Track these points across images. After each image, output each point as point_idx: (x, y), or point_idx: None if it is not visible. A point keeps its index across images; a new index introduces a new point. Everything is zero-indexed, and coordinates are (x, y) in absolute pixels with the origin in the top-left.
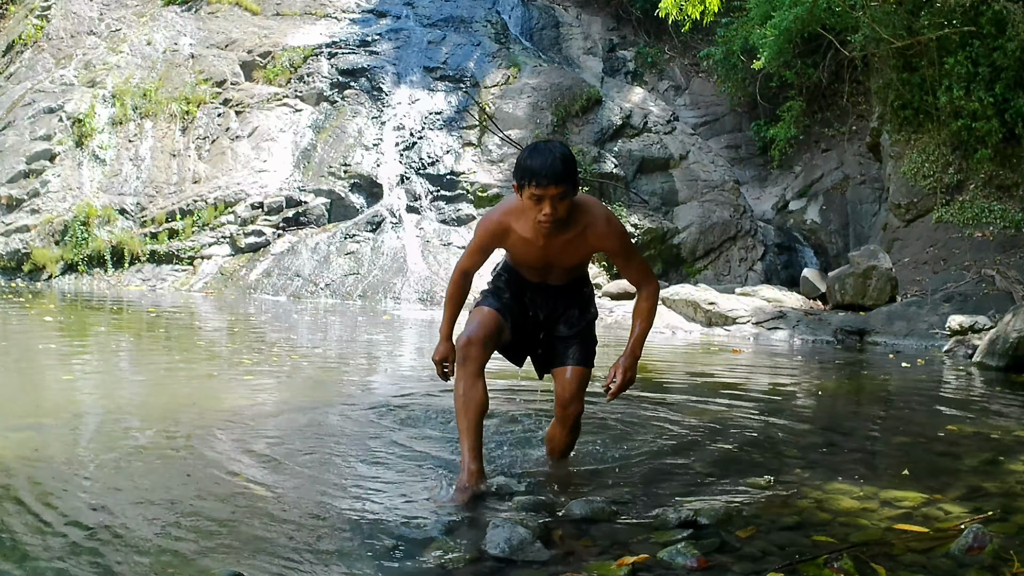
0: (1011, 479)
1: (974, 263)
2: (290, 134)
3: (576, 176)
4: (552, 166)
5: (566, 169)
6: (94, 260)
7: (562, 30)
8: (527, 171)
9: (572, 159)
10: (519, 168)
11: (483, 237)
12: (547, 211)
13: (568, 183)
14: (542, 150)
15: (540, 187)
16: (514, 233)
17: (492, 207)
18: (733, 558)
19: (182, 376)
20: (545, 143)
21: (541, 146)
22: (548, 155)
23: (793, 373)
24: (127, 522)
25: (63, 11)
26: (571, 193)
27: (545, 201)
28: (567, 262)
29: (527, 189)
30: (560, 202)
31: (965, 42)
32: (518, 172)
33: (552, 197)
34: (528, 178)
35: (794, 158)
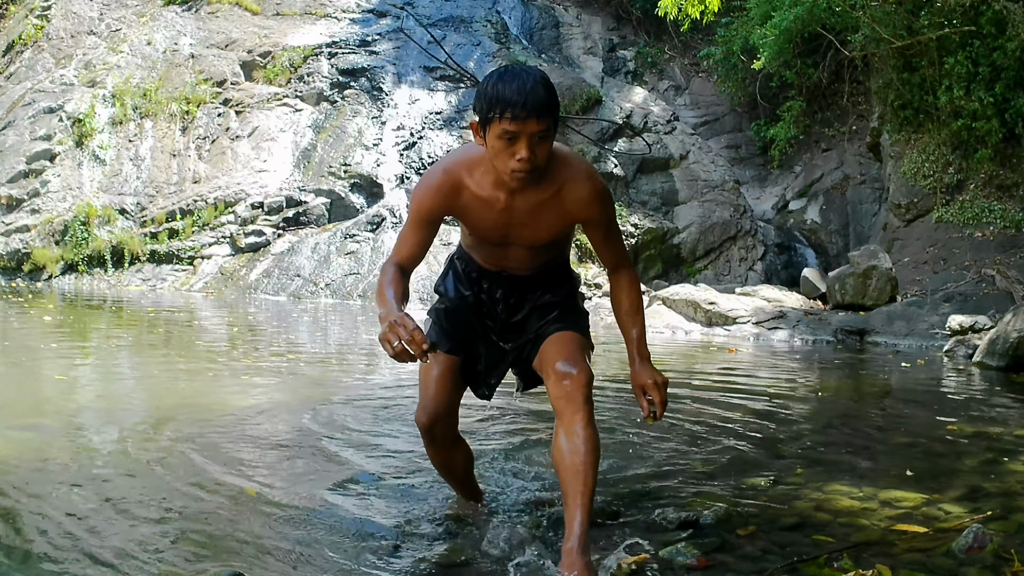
0: (1011, 479)
1: (974, 263)
2: (290, 134)
3: (559, 110)
4: (533, 92)
5: (549, 98)
6: (94, 260)
7: (562, 30)
8: (498, 100)
9: (553, 87)
10: (485, 97)
11: (424, 200)
12: (523, 153)
13: (551, 117)
14: (517, 73)
15: (517, 120)
16: (466, 191)
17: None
18: (733, 558)
19: (182, 376)
20: (518, 65)
21: (515, 69)
22: (527, 78)
23: (793, 373)
24: (127, 522)
25: (63, 11)
26: (553, 132)
27: (522, 140)
28: (534, 236)
29: (496, 124)
30: (540, 143)
31: (965, 42)
32: (483, 102)
33: (531, 135)
34: (500, 108)
35: (794, 158)
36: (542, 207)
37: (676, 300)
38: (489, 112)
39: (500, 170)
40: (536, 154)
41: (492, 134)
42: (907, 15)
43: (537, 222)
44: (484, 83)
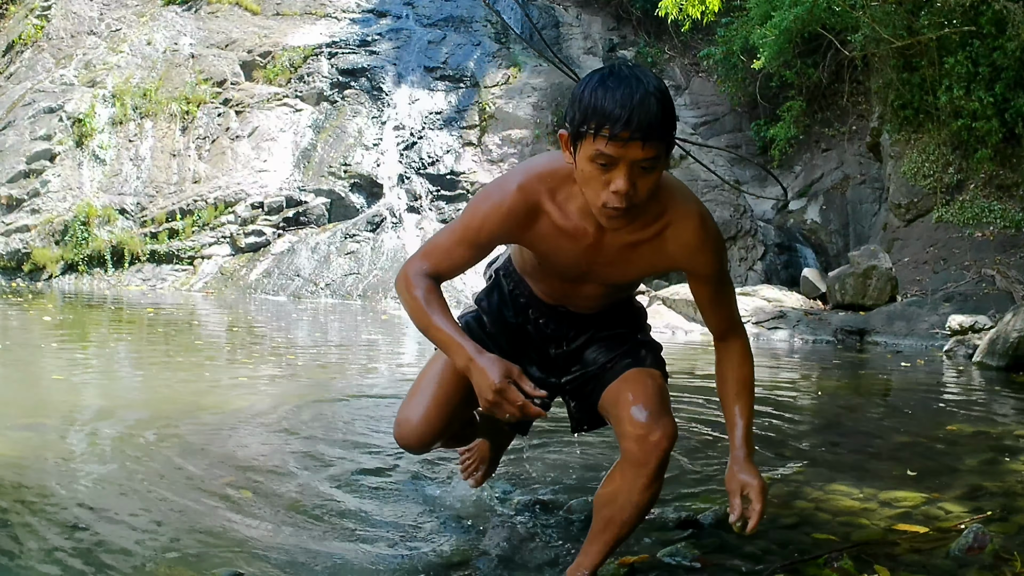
0: (1011, 479)
1: (974, 263)
2: (290, 134)
3: (674, 133)
4: (643, 106)
5: (664, 116)
6: (94, 260)
7: (562, 30)
8: (595, 111)
9: (671, 102)
10: (579, 105)
11: (487, 219)
12: (620, 184)
13: (663, 142)
14: (625, 77)
15: (616, 141)
16: (544, 217)
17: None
18: (733, 558)
19: (181, 376)
20: (629, 67)
21: (624, 71)
22: (636, 87)
23: (793, 373)
24: (127, 522)
25: (63, 11)
26: (663, 163)
27: (620, 167)
28: (620, 275)
29: (590, 143)
30: (644, 175)
31: (965, 42)
32: (576, 111)
33: (633, 163)
34: (596, 123)
35: (794, 158)
36: (638, 248)
37: (676, 300)
38: (584, 123)
39: (588, 200)
40: (637, 188)
41: (584, 154)
42: (907, 15)
43: (628, 262)
44: (582, 85)
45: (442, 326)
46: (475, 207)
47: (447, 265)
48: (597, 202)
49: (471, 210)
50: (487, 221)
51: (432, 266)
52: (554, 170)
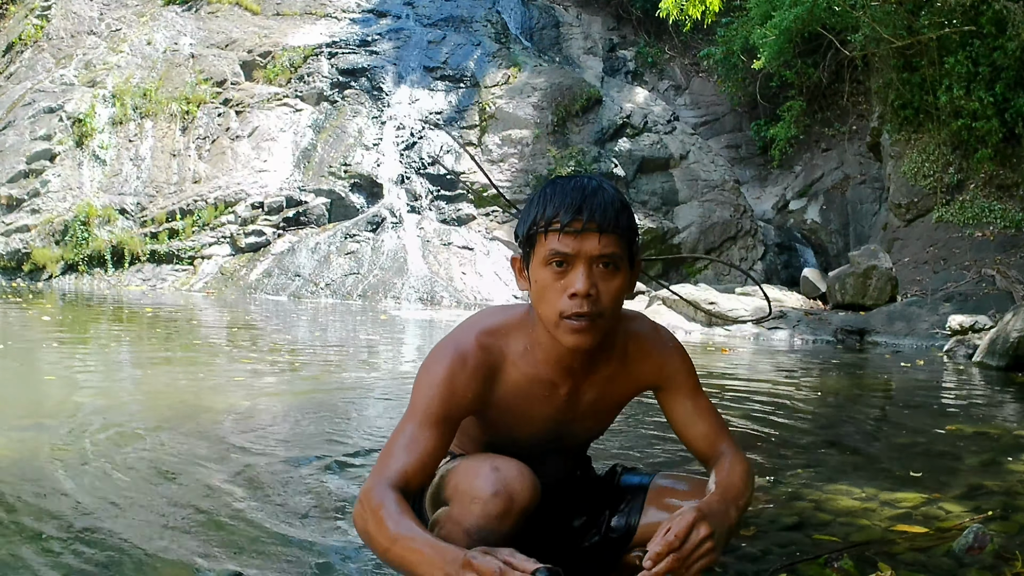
0: (1011, 479)
1: (974, 263)
2: (290, 134)
3: (636, 234)
4: (598, 196)
5: (623, 209)
6: (94, 260)
7: (562, 30)
8: (549, 206)
9: (627, 203)
10: (531, 209)
11: (452, 385)
12: (579, 285)
13: (625, 234)
14: (579, 177)
15: (572, 233)
16: (511, 371)
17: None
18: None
19: (181, 376)
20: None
21: (578, 175)
22: (591, 181)
23: (793, 373)
24: (127, 522)
25: (63, 11)
26: (624, 260)
27: (578, 265)
28: (591, 430)
29: (542, 243)
30: (607, 276)
31: (965, 42)
32: (529, 215)
33: (592, 260)
34: (552, 215)
35: (794, 158)
36: (610, 386)
37: (676, 300)
38: (533, 227)
39: (546, 321)
40: (600, 292)
41: (537, 261)
42: (907, 15)
43: (601, 409)
44: (533, 194)
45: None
46: (430, 377)
47: (414, 461)
48: (554, 315)
49: (426, 383)
50: (453, 384)
51: (397, 473)
52: (505, 321)
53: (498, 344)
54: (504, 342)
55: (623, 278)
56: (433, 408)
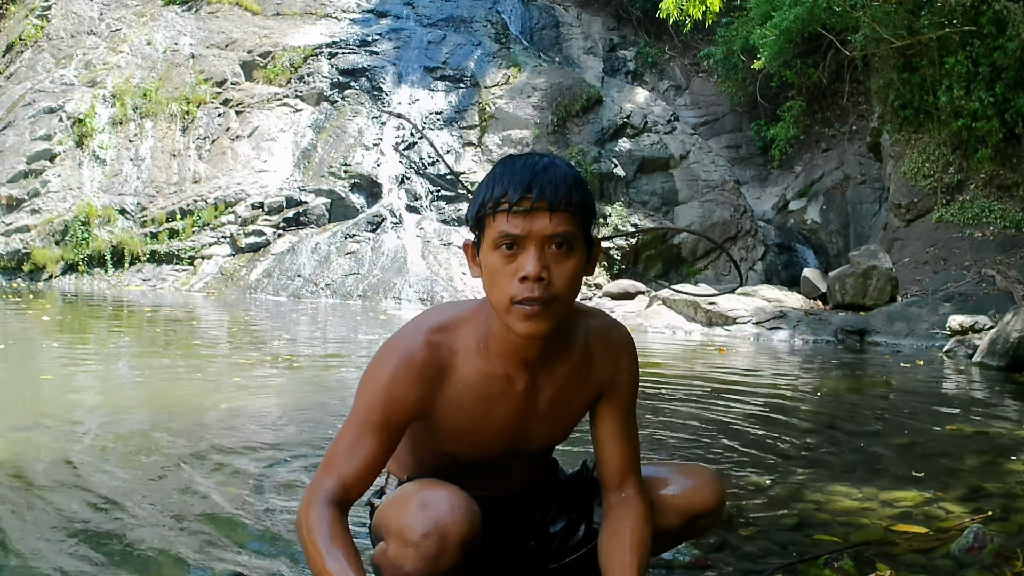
0: (1011, 479)
1: (974, 263)
2: (290, 134)
3: (593, 213)
4: (549, 172)
5: (576, 186)
6: (94, 260)
7: (562, 30)
8: (498, 186)
9: (583, 180)
10: (480, 191)
11: (395, 388)
12: (530, 268)
13: (577, 215)
14: (530, 155)
15: (521, 213)
16: (463, 370)
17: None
18: (733, 558)
19: (181, 376)
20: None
21: (530, 152)
22: (542, 159)
23: (793, 373)
24: (126, 523)
25: (63, 11)
26: (579, 240)
27: (528, 247)
28: (553, 432)
29: (493, 223)
30: (560, 258)
31: (965, 42)
32: (478, 198)
33: (543, 240)
34: (500, 194)
35: (794, 158)
36: (570, 384)
37: (676, 300)
38: (483, 204)
39: (497, 307)
40: (552, 275)
41: (487, 245)
42: (907, 15)
43: (562, 409)
44: (482, 179)
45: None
46: (373, 380)
47: (353, 471)
48: (505, 301)
49: (368, 387)
50: (395, 388)
51: (336, 484)
52: (457, 316)
53: (448, 341)
54: (454, 338)
55: (578, 259)
56: (375, 414)
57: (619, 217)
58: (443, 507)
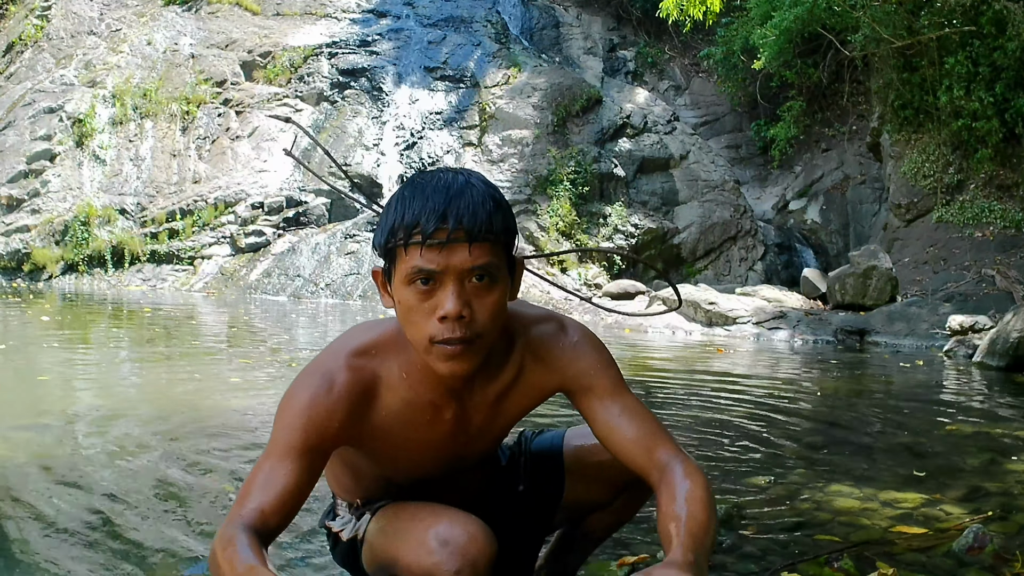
0: (1011, 479)
1: (974, 263)
2: (290, 134)
3: (515, 234)
4: (465, 197)
5: (496, 211)
6: (94, 260)
7: (562, 30)
8: (406, 214)
9: (501, 198)
10: (387, 216)
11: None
12: (449, 306)
13: (500, 239)
14: (442, 174)
15: (436, 247)
16: (387, 397)
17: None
18: (733, 558)
19: (181, 376)
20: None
21: (440, 171)
22: (456, 180)
23: (793, 373)
24: (127, 523)
25: (63, 11)
26: (501, 269)
27: (446, 283)
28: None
29: (405, 257)
30: (482, 291)
31: (965, 42)
32: (385, 225)
33: (462, 275)
34: (411, 225)
35: (794, 158)
36: (503, 405)
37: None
38: (391, 239)
39: (415, 344)
40: (474, 311)
41: (399, 278)
42: (907, 15)
43: (498, 424)
44: (390, 199)
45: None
46: (291, 407)
47: (272, 499)
48: (424, 340)
49: (286, 413)
50: (315, 412)
51: (254, 513)
52: (377, 339)
53: (370, 366)
54: (377, 363)
55: (501, 289)
56: (294, 440)
57: (619, 217)
58: (463, 538)
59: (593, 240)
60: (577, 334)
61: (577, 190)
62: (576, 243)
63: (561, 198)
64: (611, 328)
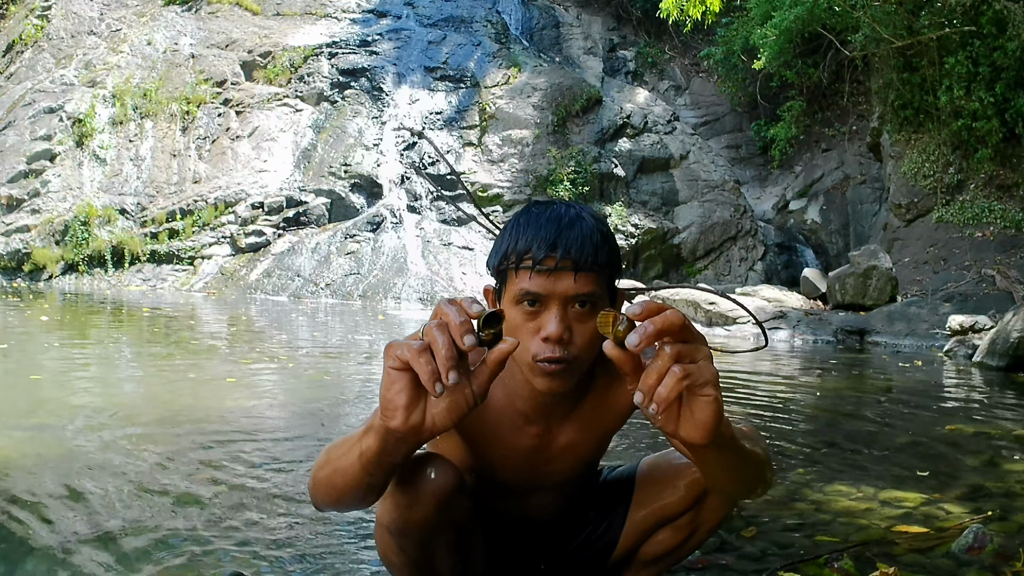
0: (1011, 479)
1: (974, 263)
2: (290, 134)
3: (619, 268)
4: (575, 228)
5: (603, 244)
6: (94, 260)
7: (562, 30)
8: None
9: (610, 234)
10: (502, 242)
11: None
12: (552, 329)
13: (604, 271)
14: (556, 205)
15: (544, 272)
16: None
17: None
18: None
19: (180, 376)
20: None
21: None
22: (568, 211)
23: (793, 373)
24: (127, 523)
25: (63, 11)
26: (603, 299)
27: (551, 307)
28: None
29: (515, 279)
30: (583, 317)
31: (965, 42)
32: (500, 249)
33: (566, 300)
34: (523, 250)
35: (794, 158)
36: (588, 424)
37: (676, 300)
38: (503, 262)
39: (518, 361)
40: (574, 335)
41: (508, 298)
42: (907, 15)
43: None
44: (506, 225)
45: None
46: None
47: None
48: (527, 356)
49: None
50: None
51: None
52: None
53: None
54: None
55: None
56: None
57: (619, 217)
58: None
59: None
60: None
61: (577, 190)
62: None
63: (561, 198)
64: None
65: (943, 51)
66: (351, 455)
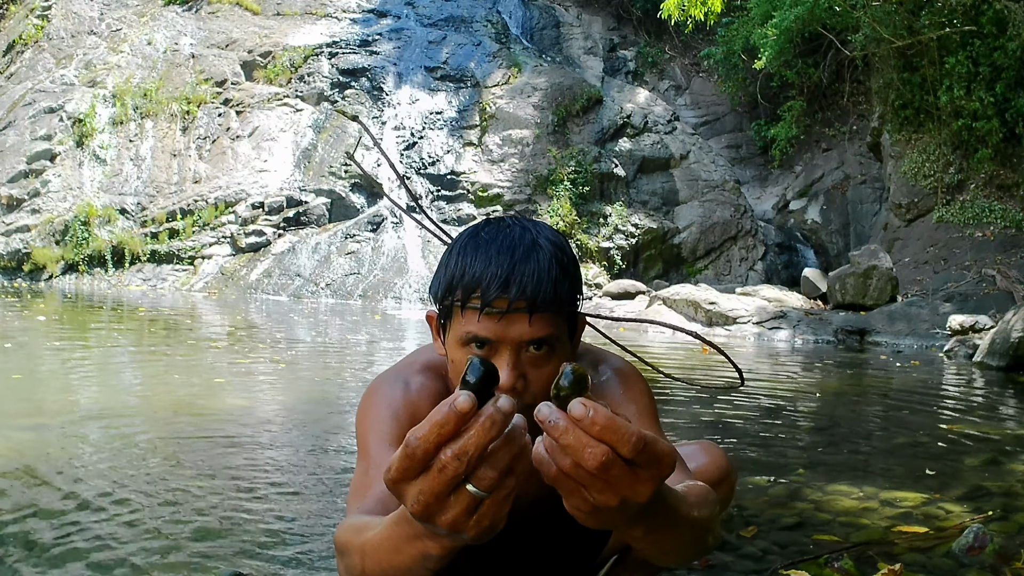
0: (1011, 479)
1: (975, 263)
2: (291, 134)
3: (579, 294)
4: (531, 262)
5: (562, 277)
6: (95, 260)
7: (562, 30)
8: (466, 273)
9: (572, 257)
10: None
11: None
12: (506, 378)
13: (562, 308)
14: (507, 227)
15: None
16: None
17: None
18: (733, 558)
19: (179, 376)
20: (515, 218)
21: (506, 221)
22: (523, 237)
23: (793, 373)
24: (126, 523)
25: (63, 11)
26: (561, 339)
27: (503, 352)
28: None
29: (461, 319)
30: (539, 362)
31: (966, 42)
32: (443, 278)
33: (520, 346)
34: (469, 287)
35: (795, 158)
36: None
37: (677, 300)
38: (447, 297)
39: None
40: (528, 382)
41: (453, 338)
42: (907, 15)
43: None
44: (451, 245)
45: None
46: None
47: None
48: None
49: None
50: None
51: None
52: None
53: (444, 379)
54: (447, 382)
55: (560, 357)
56: (388, 428)
57: (619, 217)
58: None
59: (592, 240)
60: (608, 372)
61: (577, 190)
62: (576, 242)
63: (561, 198)
64: (609, 327)
65: (943, 51)
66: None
